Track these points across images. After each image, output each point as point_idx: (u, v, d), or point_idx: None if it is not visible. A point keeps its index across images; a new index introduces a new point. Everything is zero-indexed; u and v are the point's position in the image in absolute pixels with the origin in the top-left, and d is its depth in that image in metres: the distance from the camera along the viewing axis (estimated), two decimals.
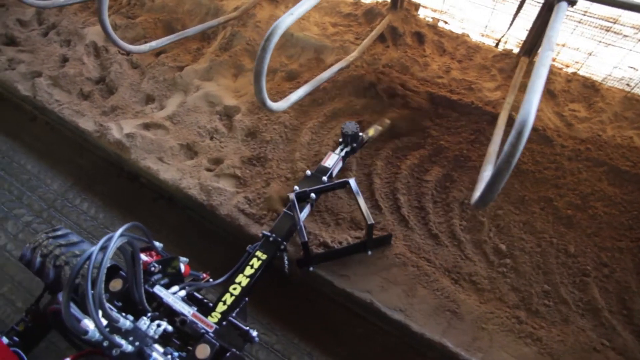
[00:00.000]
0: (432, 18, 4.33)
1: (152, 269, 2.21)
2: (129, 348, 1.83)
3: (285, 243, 2.72)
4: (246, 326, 2.20)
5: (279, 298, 3.20)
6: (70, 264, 2.35)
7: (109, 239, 1.69)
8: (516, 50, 3.97)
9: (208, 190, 3.36)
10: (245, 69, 4.27)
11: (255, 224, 3.23)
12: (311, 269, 2.94)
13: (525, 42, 3.75)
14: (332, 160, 3.12)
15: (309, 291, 3.20)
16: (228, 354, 1.97)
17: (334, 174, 3.14)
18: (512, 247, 3.06)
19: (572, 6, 2.42)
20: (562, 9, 2.39)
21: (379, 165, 3.49)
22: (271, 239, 2.67)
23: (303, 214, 2.83)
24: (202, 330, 2.04)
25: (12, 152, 4.22)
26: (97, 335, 1.75)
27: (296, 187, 2.93)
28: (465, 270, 3.00)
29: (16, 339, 2.25)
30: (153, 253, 2.39)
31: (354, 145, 3.24)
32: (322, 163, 3.13)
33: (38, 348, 2.56)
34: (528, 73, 3.72)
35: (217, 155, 3.66)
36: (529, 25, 3.78)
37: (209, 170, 3.58)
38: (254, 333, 2.19)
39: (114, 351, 1.80)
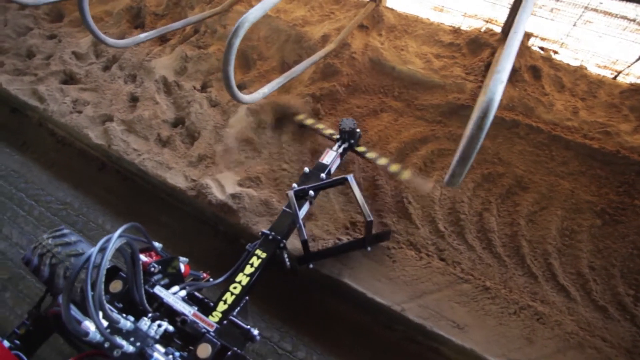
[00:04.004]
0: (542, 48, 3.98)
1: (152, 269, 2.18)
2: (130, 349, 1.82)
3: (284, 241, 2.66)
4: (247, 325, 2.18)
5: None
6: (70, 266, 2.26)
7: (108, 240, 1.67)
8: None
9: (341, 266, 2.99)
10: (346, 107, 3.86)
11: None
12: (311, 266, 2.90)
13: None
14: (330, 157, 3.09)
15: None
16: (229, 353, 1.94)
17: (332, 170, 3.09)
18: None
19: None
20: None
21: (522, 225, 3.16)
22: (270, 237, 2.62)
23: (302, 212, 2.77)
24: (203, 330, 2.02)
25: (85, 208, 3.75)
26: (98, 336, 1.73)
27: (294, 185, 2.87)
28: None
29: (17, 342, 2.19)
30: (153, 253, 2.34)
31: (352, 141, 3.24)
32: (320, 160, 3.08)
33: (40, 351, 2.41)
34: None
35: (342, 215, 3.27)
36: None
37: (335, 236, 3.20)
38: (255, 332, 2.16)
39: (115, 352, 1.79)
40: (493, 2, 3.95)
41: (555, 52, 3.98)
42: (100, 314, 1.68)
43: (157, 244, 2.30)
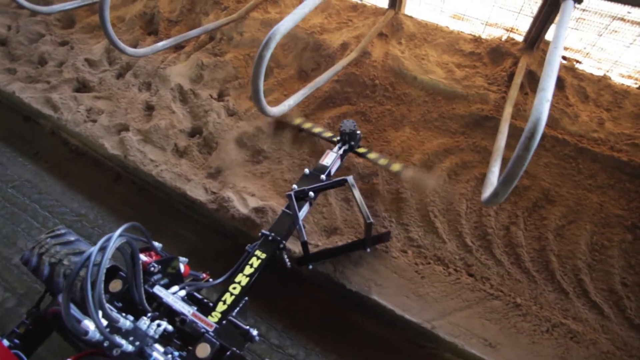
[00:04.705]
0: (565, 58, 3.94)
1: (152, 269, 2.18)
2: (129, 348, 1.83)
3: (284, 242, 2.67)
4: (246, 325, 2.17)
5: None
6: (69, 264, 2.32)
7: (108, 240, 1.68)
8: None
9: (370, 282, 2.92)
10: (370, 117, 3.78)
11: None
12: (310, 267, 2.89)
13: None
14: (330, 159, 3.10)
15: None
16: (228, 353, 1.94)
17: (332, 172, 3.10)
18: None
19: None
20: None
21: (550, 239, 3.11)
22: (270, 238, 2.62)
23: (302, 213, 2.78)
24: (202, 330, 2.02)
25: (101, 220, 3.67)
26: (98, 335, 1.75)
27: (294, 186, 2.87)
28: None
29: (17, 341, 2.22)
30: (152, 253, 2.35)
31: (352, 143, 3.25)
32: (320, 161, 3.09)
33: (39, 350, 2.42)
34: None
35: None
36: None
37: None
38: (255, 332, 2.16)
39: (114, 351, 1.80)
40: (515, 11, 3.89)
41: (578, 62, 3.93)
42: (100, 313, 1.70)
43: (157, 244, 2.31)
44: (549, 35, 3.74)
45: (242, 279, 2.40)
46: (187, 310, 2.10)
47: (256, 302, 3.15)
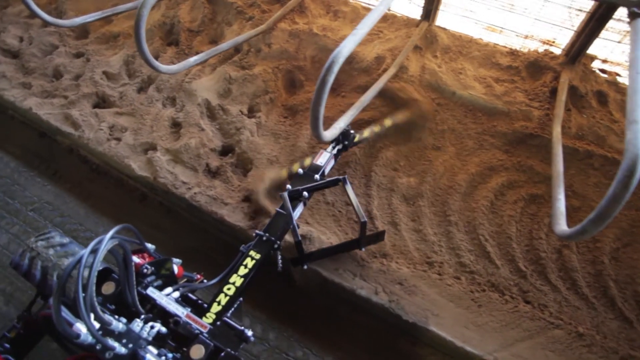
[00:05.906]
0: (604, 71, 3.86)
1: (145, 270, 2.16)
2: (122, 350, 1.82)
3: (278, 242, 2.62)
4: (241, 326, 2.16)
5: None
6: (46, 256, 2.30)
7: (100, 242, 1.67)
8: None
9: (423, 312, 2.79)
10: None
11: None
12: (305, 267, 2.88)
13: None
14: (324, 158, 3.07)
15: None
16: (223, 354, 1.94)
17: (326, 171, 3.07)
18: None
19: None
20: None
21: (606, 263, 3.02)
22: (264, 238, 2.59)
23: (296, 213, 2.77)
24: (196, 331, 2.02)
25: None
26: (90, 338, 1.74)
27: (289, 186, 2.85)
28: None
29: (7, 345, 2.19)
30: (146, 255, 2.33)
31: (346, 142, 3.20)
32: (314, 161, 3.06)
33: (31, 354, 2.39)
34: None
35: (418, 255, 3.07)
36: None
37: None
38: (249, 332, 2.15)
39: (107, 354, 1.79)
40: (556, 24, 3.80)
41: (618, 75, 3.86)
42: (92, 315, 1.69)
43: (150, 245, 2.29)
44: (591, 50, 3.67)
45: (236, 279, 2.37)
46: (181, 311, 2.09)
47: (303, 334, 3.02)
